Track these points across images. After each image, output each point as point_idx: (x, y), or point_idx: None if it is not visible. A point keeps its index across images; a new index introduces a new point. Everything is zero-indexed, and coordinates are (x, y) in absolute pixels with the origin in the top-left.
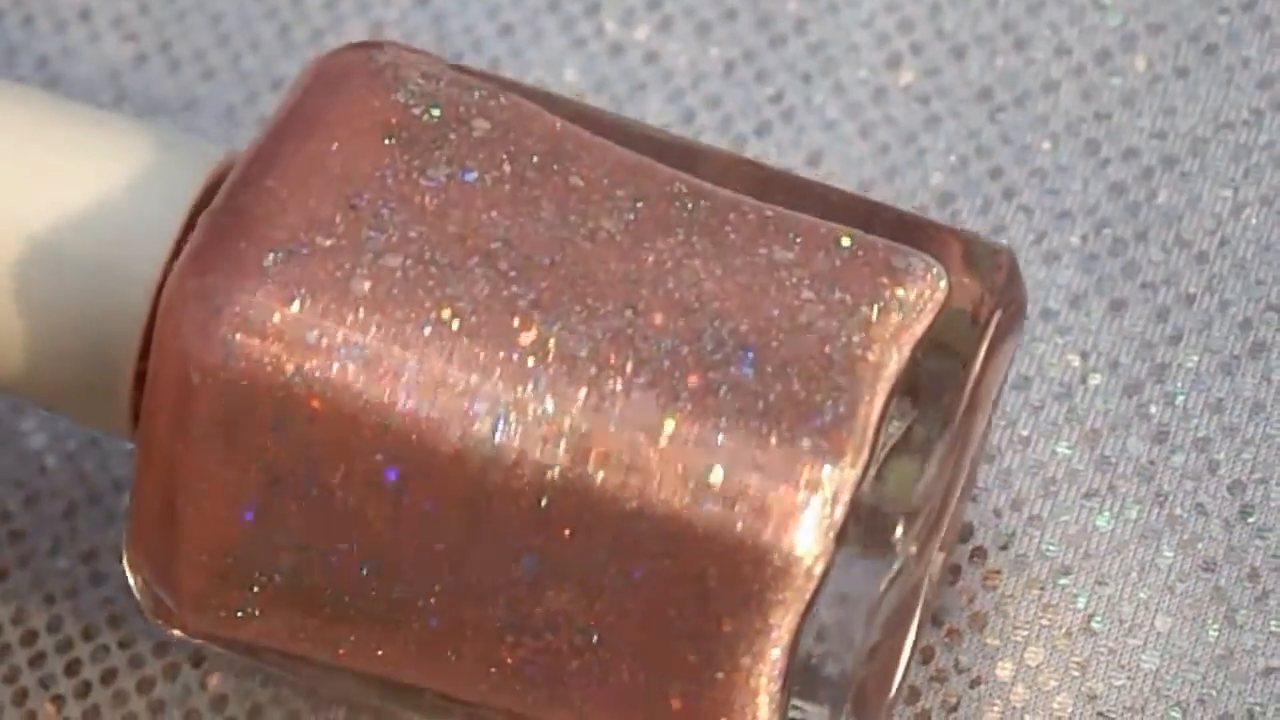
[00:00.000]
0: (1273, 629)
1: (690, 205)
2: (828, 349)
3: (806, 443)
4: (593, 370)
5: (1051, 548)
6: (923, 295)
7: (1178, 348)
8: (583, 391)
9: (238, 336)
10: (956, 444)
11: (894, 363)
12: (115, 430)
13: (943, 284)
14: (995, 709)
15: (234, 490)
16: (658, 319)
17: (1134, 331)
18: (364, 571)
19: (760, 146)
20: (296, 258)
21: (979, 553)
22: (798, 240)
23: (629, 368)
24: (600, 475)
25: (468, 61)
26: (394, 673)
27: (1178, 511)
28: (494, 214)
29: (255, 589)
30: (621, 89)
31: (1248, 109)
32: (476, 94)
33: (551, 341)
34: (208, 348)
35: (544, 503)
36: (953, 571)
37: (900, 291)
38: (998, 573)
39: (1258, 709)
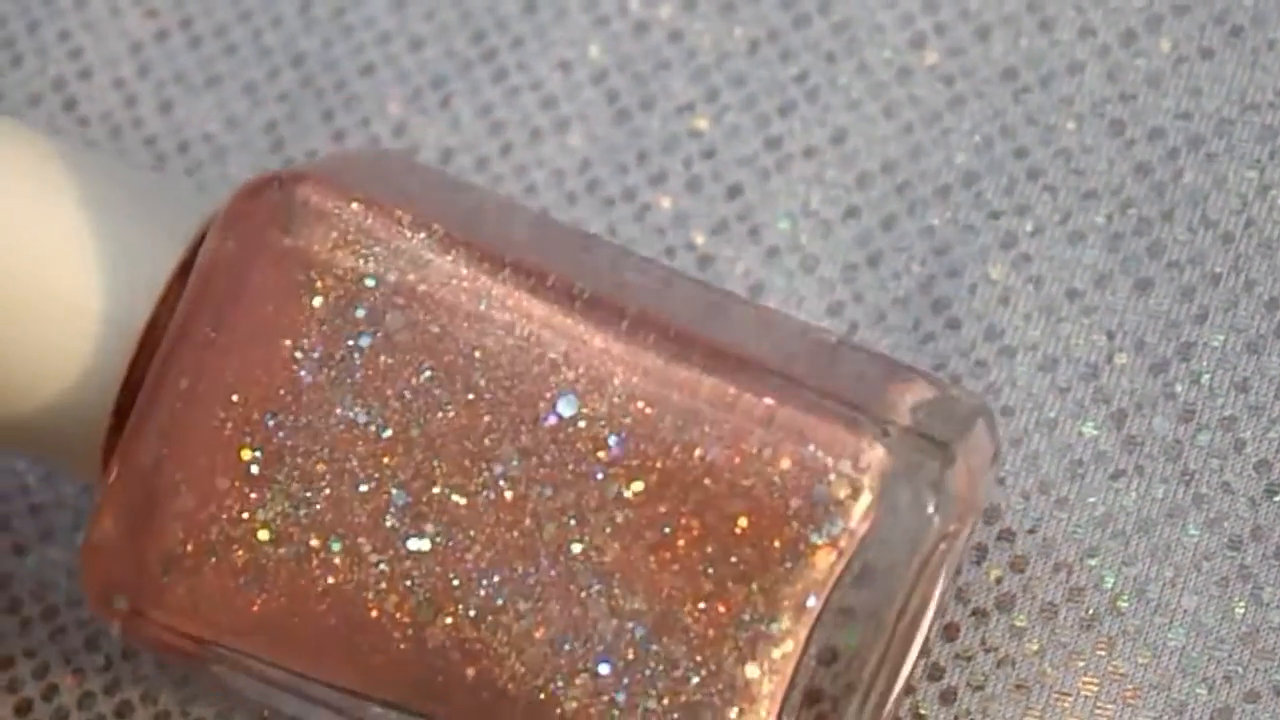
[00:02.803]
0: None
1: (602, 431)
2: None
3: None
4: None
5: (1079, 529)
6: (845, 527)
7: (1204, 327)
8: None
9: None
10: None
11: (804, 630)
12: (86, 478)
13: (864, 506)
14: (1022, 687)
15: None
16: (553, 606)
17: (1160, 311)
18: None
19: (784, 125)
20: (193, 570)
21: (1006, 535)
22: (716, 456)
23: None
24: None
25: (491, 41)
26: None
27: (1204, 490)
28: (389, 459)
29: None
30: (645, 67)
31: (1273, 90)
32: (392, 277)
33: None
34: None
35: None
36: (979, 551)
37: (817, 536)
38: (1024, 557)
39: None
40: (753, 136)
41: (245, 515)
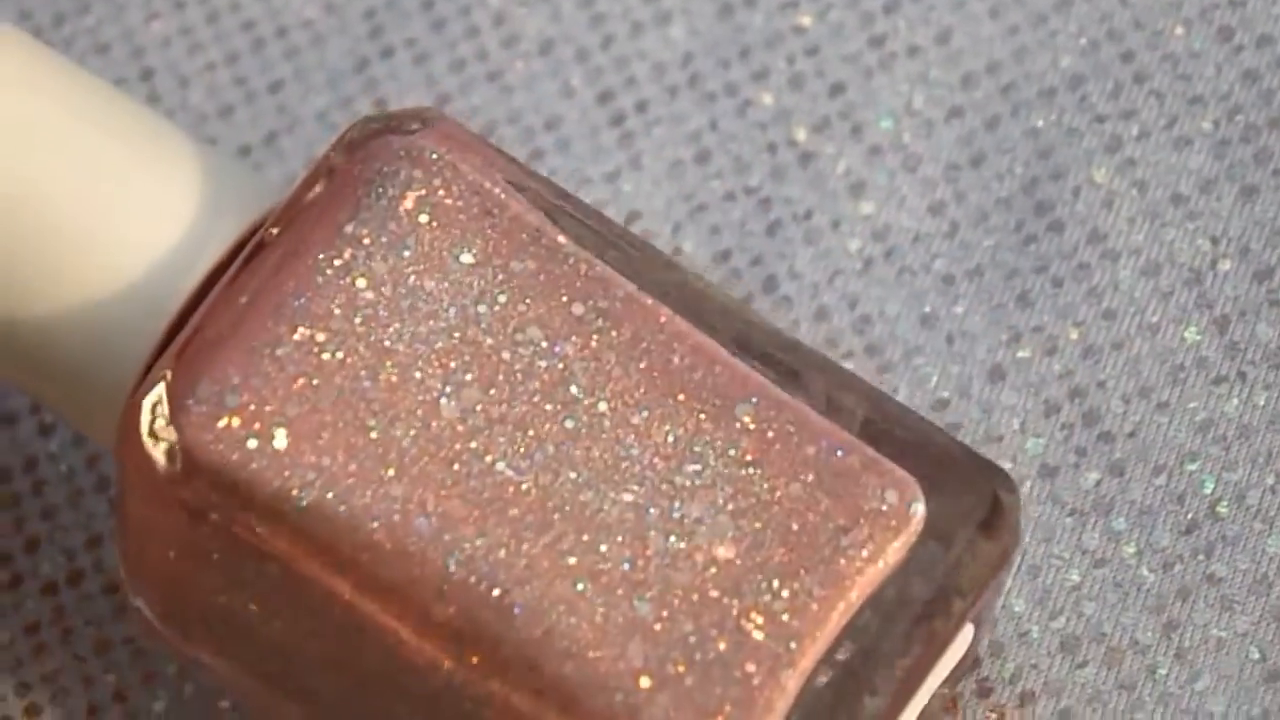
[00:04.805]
0: None
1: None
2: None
3: None
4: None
5: (1179, 434)
6: (887, 540)
7: None
8: None
9: None
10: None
11: (841, 612)
12: (106, 443)
13: (914, 526)
14: (1119, 588)
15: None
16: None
17: (1265, 217)
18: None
19: (889, 23)
20: None
21: (1106, 437)
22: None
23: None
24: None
25: None
26: None
27: None
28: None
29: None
30: None
31: None
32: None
33: None
34: None
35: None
36: (1079, 453)
37: (864, 537)
38: (1123, 460)
39: None
40: (857, 34)
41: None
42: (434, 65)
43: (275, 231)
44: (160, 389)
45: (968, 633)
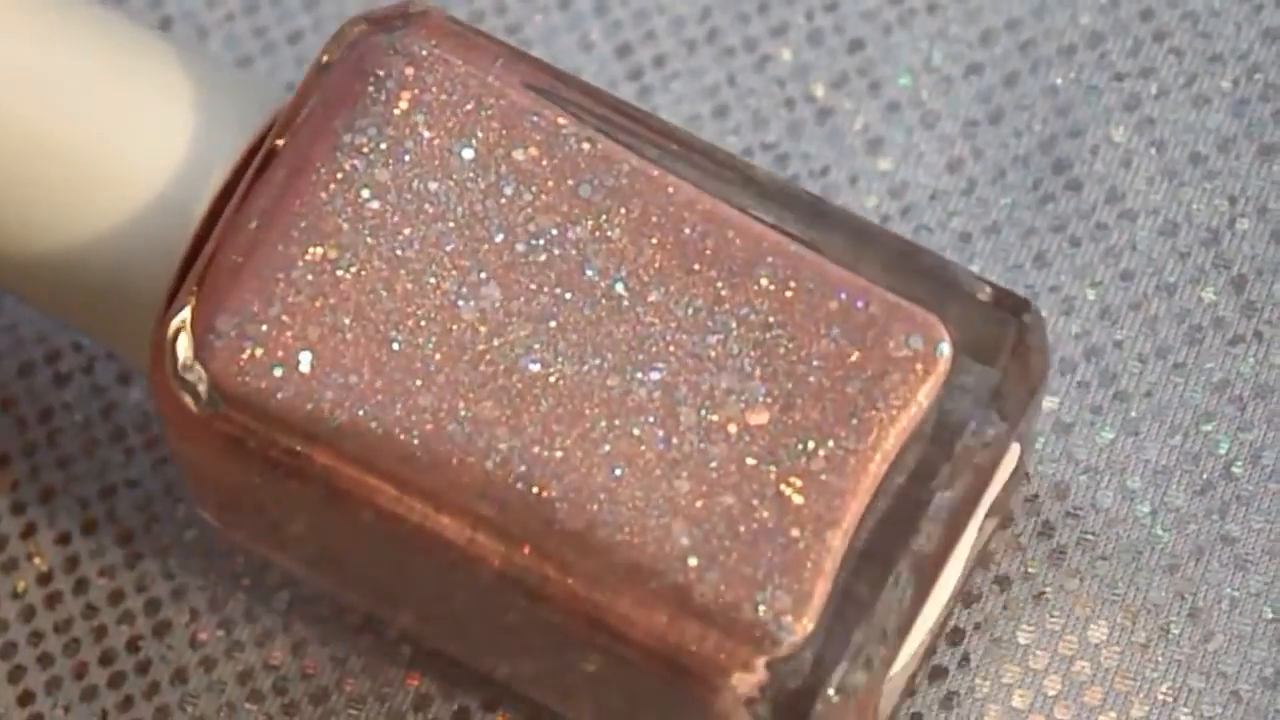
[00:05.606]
0: None
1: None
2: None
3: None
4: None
5: (1195, 394)
6: (917, 385)
7: None
8: None
9: None
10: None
11: (879, 463)
12: (137, 365)
13: (942, 366)
14: (1129, 544)
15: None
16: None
17: None
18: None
19: None
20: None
21: (1121, 396)
22: (799, 311)
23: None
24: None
25: None
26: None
27: None
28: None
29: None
30: None
31: None
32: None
33: None
34: None
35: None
36: (1094, 412)
37: (894, 384)
38: (1139, 419)
39: None
40: None
41: None
42: None
43: (280, 143)
44: (183, 322)
45: (1014, 451)
